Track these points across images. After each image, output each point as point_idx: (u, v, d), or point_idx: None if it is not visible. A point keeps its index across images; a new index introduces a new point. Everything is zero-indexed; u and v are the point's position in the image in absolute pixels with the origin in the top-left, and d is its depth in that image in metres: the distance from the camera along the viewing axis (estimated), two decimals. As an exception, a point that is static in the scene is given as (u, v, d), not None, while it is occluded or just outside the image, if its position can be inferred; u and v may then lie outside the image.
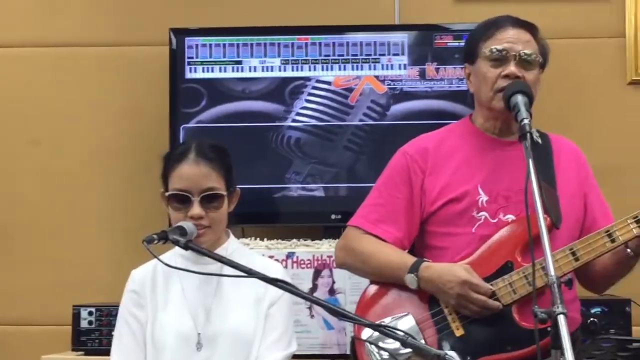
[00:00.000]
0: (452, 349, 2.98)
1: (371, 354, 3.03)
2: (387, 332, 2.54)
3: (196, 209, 3.00)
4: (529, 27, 3.19)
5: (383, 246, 3.17)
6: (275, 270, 3.09)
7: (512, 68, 3.09)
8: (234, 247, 3.16)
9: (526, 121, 2.86)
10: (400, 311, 3.10)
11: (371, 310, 3.15)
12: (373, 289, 3.21)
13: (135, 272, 3.18)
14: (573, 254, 2.99)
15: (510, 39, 3.13)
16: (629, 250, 3.03)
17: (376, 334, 2.86)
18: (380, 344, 2.87)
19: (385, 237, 3.19)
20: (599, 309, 3.88)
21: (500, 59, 3.12)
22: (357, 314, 3.08)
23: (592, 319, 3.80)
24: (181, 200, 3.02)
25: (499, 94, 3.08)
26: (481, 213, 3.11)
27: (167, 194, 3.06)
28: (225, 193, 3.07)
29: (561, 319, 2.34)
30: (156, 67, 4.46)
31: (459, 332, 3.03)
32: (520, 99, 2.97)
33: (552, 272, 2.44)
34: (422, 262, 3.07)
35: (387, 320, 3.05)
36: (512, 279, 3.01)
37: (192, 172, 3.02)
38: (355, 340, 3.10)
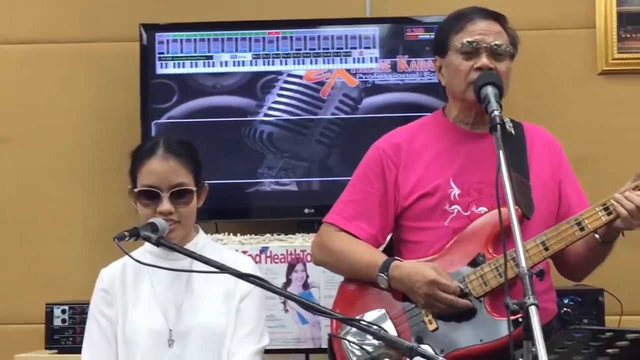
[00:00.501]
0: (426, 342, 2.98)
1: (347, 350, 3.03)
2: (360, 326, 2.54)
3: (165, 205, 2.98)
4: (499, 18, 3.19)
5: (356, 244, 3.17)
6: (246, 265, 3.09)
7: (484, 60, 3.09)
8: (203, 242, 3.15)
9: (496, 112, 2.85)
10: (375, 307, 3.10)
11: (347, 306, 3.15)
12: (348, 285, 3.22)
13: (104, 270, 3.17)
14: (543, 243, 3.00)
15: (481, 31, 3.13)
16: (597, 237, 3.04)
17: (353, 329, 2.86)
18: (356, 340, 2.86)
19: (358, 234, 3.19)
20: (572, 299, 3.90)
21: (471, 51, 3.11)
22: (333, 310, 3.09)
23: (565, 309, 3.82)
24: (150, 196, 3.01)
25: (472, 86, 3.08)
26: (454, 206, 3.12)
27: (135, 190, 3.05)
28: (194, 188, 3.06)
29: (532, 310, 2.34)
30: (126, 63, 4.44)
31: (432, 326, 3.03)
32: (490, 90, 2.97)
33: (523, 264, 2.44)
34: (392, 262, 3.08)
35: (361, 316, 3.05)
36: (484, 271, 3.01)
37: (161, 168, 3.01)
38: (332, 336, 3.11)
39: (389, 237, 3.29)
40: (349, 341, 2.93)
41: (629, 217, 2.93)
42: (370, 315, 3.06)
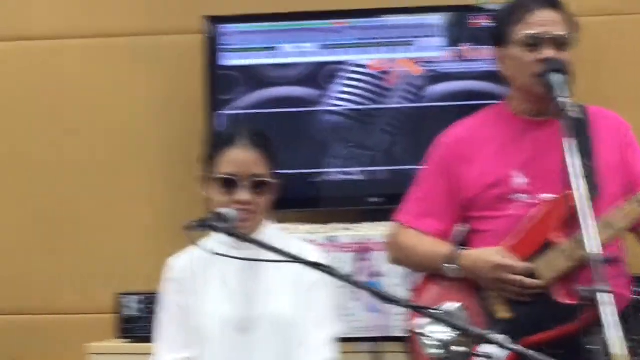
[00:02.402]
0: (499, 332, 2.97)
1: (423, 339, 3.05)
2: (430, 314, 2.55)
3: (245, 195, 3.00)
4: (556, 5, 3.14)
5: (423, 239, 3.20)
6: (312, 254, 3.09)
7: (548, 52, 3.06)
8: (271, 231, 3.16)
9: (564, 99, 2.84)
10: (449, 299, 3.08)
11: (421, 300, 3.16)
12: (422, 279, 3.24)
13: (173, 260, 3.18)
14: (606, 223, 2.96)
15: (542, 22, 3.08)
16: None
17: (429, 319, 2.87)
18: (433, 331, 2.87)
19: (427, 230, 3.21)
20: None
21: (534, 43, 3.08)
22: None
23: (638, 296, 3.75)
24: (229, 184, 3.02)
25: (538, 79, 3.05)
26: (519, 195, 3.10)
27: (214, 176, 3.07)
28: (273, 181, 3.07)
29: (603, 297, 2.33)
30: (189, 56, 4.48)
31: (505, 315, 3.03)
32: (557, 77, 2.95)
33: (593, 249, 2.43)
34: (459, 251, 3.09)
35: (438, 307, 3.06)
36: (552, 256, 3.00)
37: (243, 157, 3.02)
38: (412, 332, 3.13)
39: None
40: (426, 336, 2.94)
41: None
42: (443, 307, 3.07)
